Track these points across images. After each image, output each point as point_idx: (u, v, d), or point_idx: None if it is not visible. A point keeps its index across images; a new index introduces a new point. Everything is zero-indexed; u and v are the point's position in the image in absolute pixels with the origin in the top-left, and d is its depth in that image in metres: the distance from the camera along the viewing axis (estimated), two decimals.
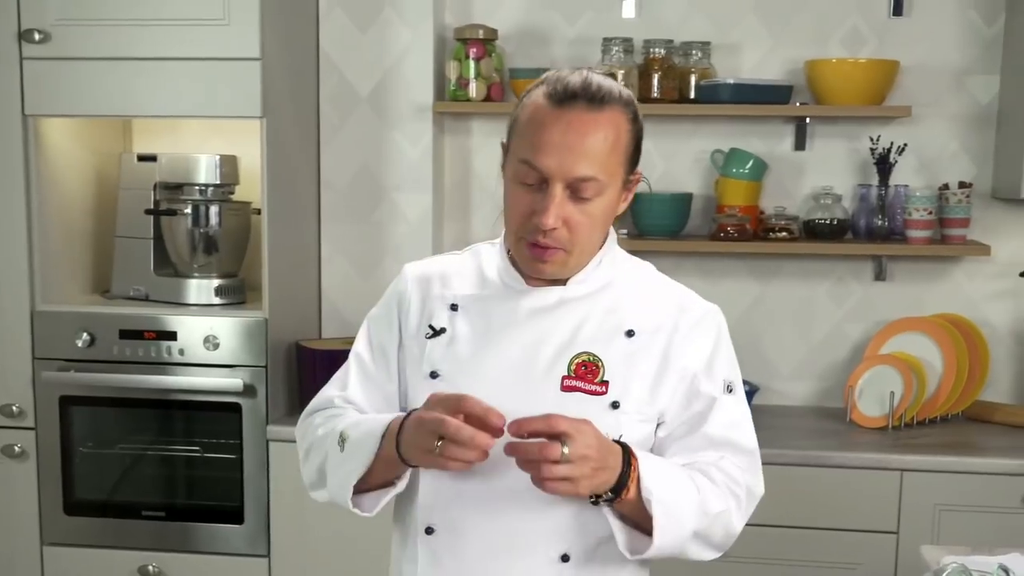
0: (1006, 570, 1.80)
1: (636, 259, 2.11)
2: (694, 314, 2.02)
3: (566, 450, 1.72)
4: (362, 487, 1.97)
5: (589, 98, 1.86)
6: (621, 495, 1.82)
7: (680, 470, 1.93)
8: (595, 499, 1.84)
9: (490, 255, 2.08)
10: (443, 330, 2.01)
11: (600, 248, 2.01)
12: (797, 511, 3.43)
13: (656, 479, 1.85)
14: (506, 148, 1.97)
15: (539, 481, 1.75)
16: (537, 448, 1.72)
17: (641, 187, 2.03)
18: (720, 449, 2.00)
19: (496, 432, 1.79)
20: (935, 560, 2.48)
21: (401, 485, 1.98)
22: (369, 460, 1.91)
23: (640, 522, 1.88)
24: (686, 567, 3.46)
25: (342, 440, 1.97)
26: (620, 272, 2.04)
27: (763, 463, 2.07)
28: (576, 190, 1.86)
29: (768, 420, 3.77)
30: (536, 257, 1.92)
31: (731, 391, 2.03)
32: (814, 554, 3.44)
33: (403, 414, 1.91)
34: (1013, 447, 3.50)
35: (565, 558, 1.93)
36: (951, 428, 3.73)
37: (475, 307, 2.01)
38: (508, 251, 2.03)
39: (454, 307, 2.02)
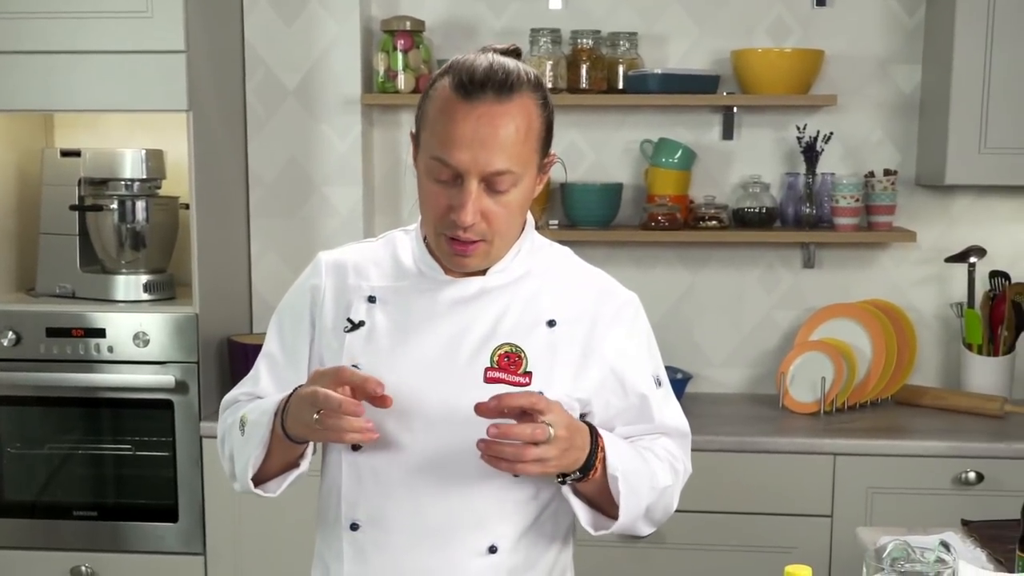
0: (946, 546, 1.82)
1: (555, 245, 2.10)
2: (614, 303, 2.03)
3: (552, 431, 1.73)
4: (269, 471, 1.98)
5: (498, 87, 1.81)
6: (589, 475, 1.84)
7: (633, 447, 1.95)
8: (562, 478, 1.85)
9: (405, 243, 2.05)
10: (362, 323, 1.98)
11: (519, 235, 2.00)
12: (732, 497, 3.46)
13: (619, 457, 1.87)
14: (415, 138, 1.93)
15: (508, 463, 1.74)
16: (530, 431, 1.71)
17: (558, 171, 2.01)
18: (661, 433, 2.03)
19: (377, 401, 1.80)
20: (871, 541, 2.50)
21: (304, 465, 1.98)
22: (265, 440, 1.91)
23: (595, 498, 1.90)
24: (622, 552, 3.50)
25: (242, 424, 1.97)
26: (539, 259, 2.03)
27: (697, 450, 2.10)
28: (492, 184, 1.84)
29: (701, 408, 3.80)
30: (457, 253, 1.90)
31: (659, 384, 2.05)
32: (750, 539, 3.46)
33: (291, 392, 1.90)
34: (942, 429, 3.56)
35: (492, 549, 1.94)
36: (881, 412, 3.78)
37: (393, 299, 1.99)
38: (425, 239, 2.02)
39: (372, 299, 1.99)
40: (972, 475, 3.40)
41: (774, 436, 3.50)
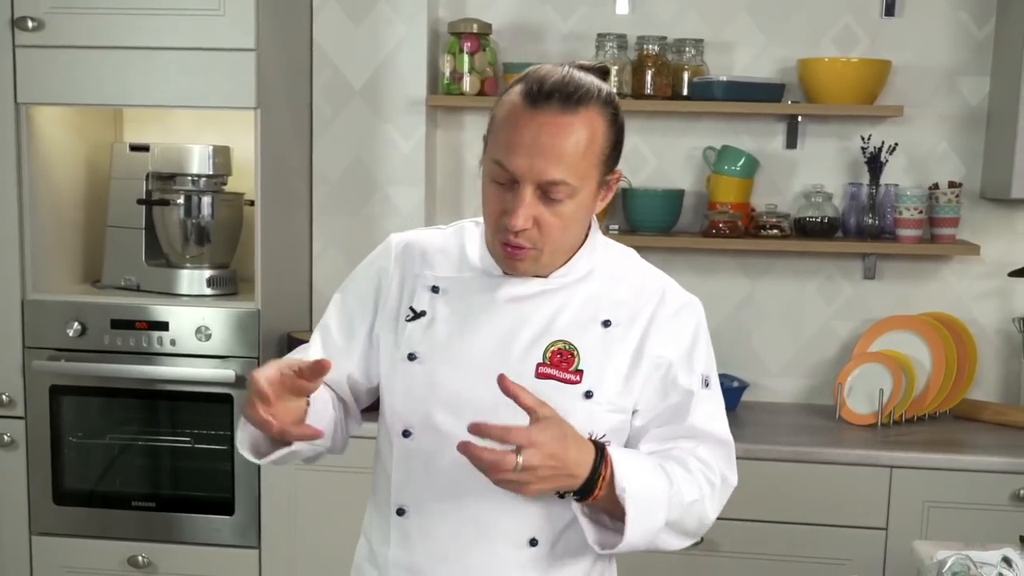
0: (1008, 561, 1.81)
1: (619, 246, 2.11)
2: (673, 305, 2.02)
3: (520, 460, 1.73)
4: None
5: (565, 98, 1.83)
6: (589, 498, 1.84)
7: (654, 462, 1.94)
8: (561, 494, 1.87)
9: (474, 236, 2.08)
10: (423, 313, 2.01)
11: (582, 244, 2.00)
12: (787, 507, 3.45)
13: (630, 475, 1.86)
14: (486, 142, 1.96)
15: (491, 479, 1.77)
16: (489, 462, 1.73)
17: (623, 183, 2.01)
18: (697, 439, 2.01)
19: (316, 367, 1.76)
20: (927, 555, 2.48)
21: (296, 445, 1.91)
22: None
23: (611, 510, 1.89)
24: (673, 558, 3.49)
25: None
26: (601, 260, 2.04)
27: (753, 459, 2.08)
28: (547, 192, 1.85)
29: (758, 417, 3.79)
30: (509, 256, 1.92)
31: (707, 385, 2.04)
32: (804, 549, 3.45)
33: None
34: (1001, 445, 3.53)
35: (533, 542, 1.95)
36: (939, 426, 3.75)
37: (455, 290, 2.01)
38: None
39: (435, 289, 2.02)
40: None
41: (830, 447, 3.48)
